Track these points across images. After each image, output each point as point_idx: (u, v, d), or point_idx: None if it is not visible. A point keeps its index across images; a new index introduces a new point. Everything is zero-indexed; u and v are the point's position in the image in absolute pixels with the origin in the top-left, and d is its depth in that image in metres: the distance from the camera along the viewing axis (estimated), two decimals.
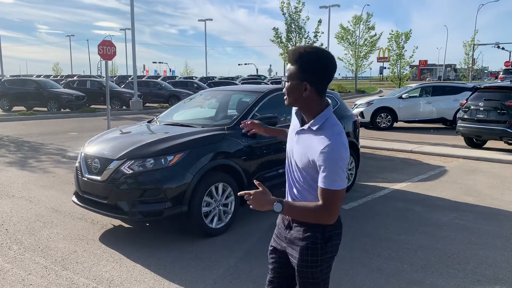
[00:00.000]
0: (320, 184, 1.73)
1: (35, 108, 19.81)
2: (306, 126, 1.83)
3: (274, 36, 16.64)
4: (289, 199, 1.96)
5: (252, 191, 1.81)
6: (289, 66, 1.84)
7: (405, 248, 4.15)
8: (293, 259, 1.93)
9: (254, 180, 1.94)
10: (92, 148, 4.66)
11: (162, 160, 4.18)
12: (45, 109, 19.80)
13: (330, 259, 1.92)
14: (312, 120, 1.81)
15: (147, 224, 4.72)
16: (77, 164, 4.73)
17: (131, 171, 4.15)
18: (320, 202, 1.75)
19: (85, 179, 4.47)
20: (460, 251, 4.09)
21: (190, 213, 4.22)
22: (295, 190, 1.93)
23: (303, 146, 1.83)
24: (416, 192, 6.30)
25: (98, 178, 4.31)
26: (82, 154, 4.70)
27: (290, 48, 2.00)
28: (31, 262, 3.81)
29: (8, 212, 5.24)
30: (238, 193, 1.93)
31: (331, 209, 1.75)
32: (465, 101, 10.24)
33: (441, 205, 5.62)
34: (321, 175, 1.72)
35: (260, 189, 1.82)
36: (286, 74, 1.83)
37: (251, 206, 1.82)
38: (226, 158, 4.57)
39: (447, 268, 3.71)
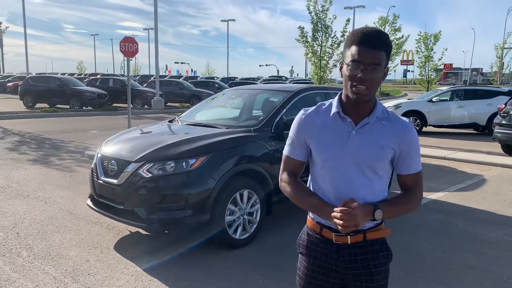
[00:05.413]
0: (414, 169, 1.65)
1: (57, 106, 19.85)
2: (373, 117, 1.59)
3: (299, 36, 16.21)
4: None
5: (346, 211, 1.47)
6: (371, 51, 1.47)
7: (452, 269, 3.69)
8: (368, 279, 1.65)
9: (350, 202, 1.51)
10: (109, 148, 4.34)
11: (184, 163, 3.82)
12: (67, 106, 19.87)
13: None
14: (375, 109, 1.60)
15: (166, 232, 4.38)
16: (92, 166, 4.42)
17: (150, 175, 3.80)
18: (413, 188, 1.66)
19: (101, 181, 4.15)
20: None
21: (212, 222, 3.86)
22: (364, 196, 1.59)
23: (370, 137, 1.58)
24: (455, 203, 5.79)
25: (115, 181, 3.98)
26: (99, 154, 4.37)
27: (367, 29, 1.46)
28: (39, 272, 3.50)
29: (21, 213, 4.97)
30: (337, 222, 1.49)
31: (422, 192, 1.69)
32: (503, 106, 9.63)
33: (486, 219, 5.11)
34: (411, 160, 1.63)
35: (354, 203, 1.50)
36: (373, 61, 1.46)
37: (341, 229, 1.49)
38: (252, 162, 4.19)
39: None
